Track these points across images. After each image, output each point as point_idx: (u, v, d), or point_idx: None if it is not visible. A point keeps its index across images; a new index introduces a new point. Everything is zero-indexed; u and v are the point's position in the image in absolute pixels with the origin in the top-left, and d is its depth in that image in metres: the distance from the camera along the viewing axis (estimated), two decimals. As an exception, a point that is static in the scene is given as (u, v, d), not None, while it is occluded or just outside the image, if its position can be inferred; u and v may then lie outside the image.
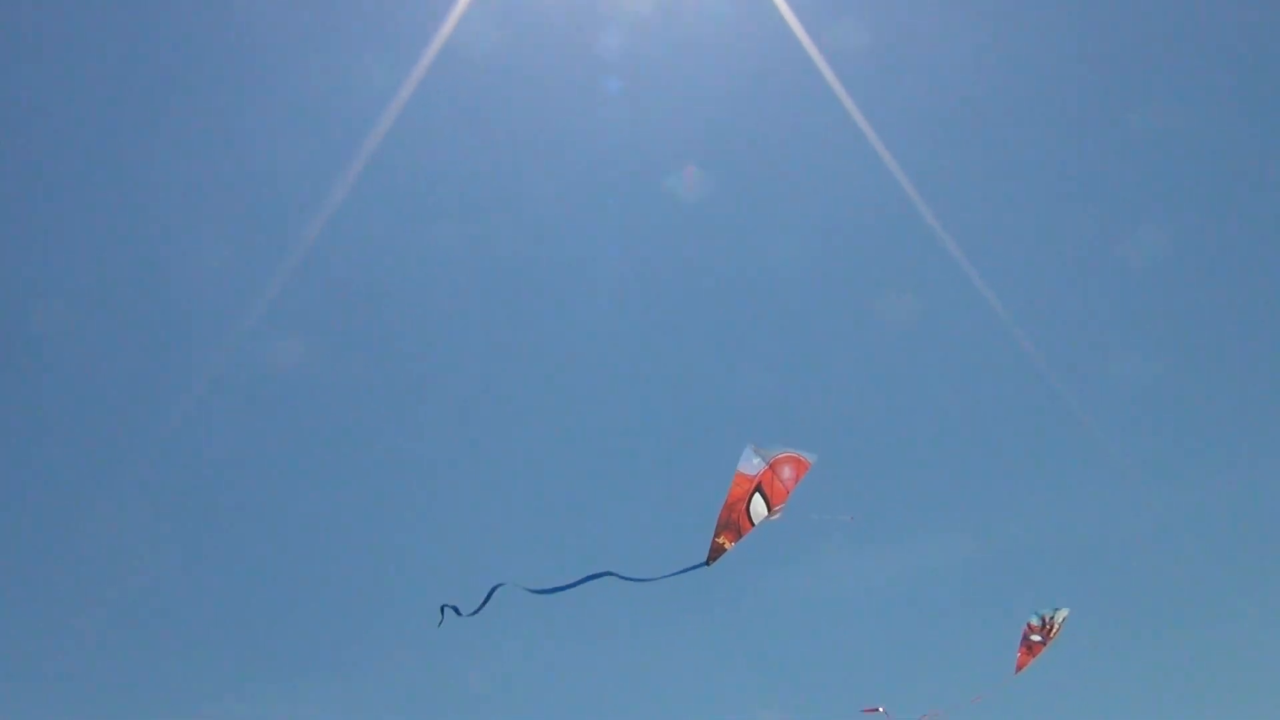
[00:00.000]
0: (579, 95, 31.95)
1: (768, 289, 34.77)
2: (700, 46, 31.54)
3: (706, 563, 12.35)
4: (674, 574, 12.41)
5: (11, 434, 29.32)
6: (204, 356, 30.33)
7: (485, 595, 12.21)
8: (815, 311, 34.96)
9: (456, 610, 12.43)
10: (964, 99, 32.85)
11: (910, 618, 28.63)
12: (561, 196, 33.30)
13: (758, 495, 12.37)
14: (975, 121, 33.61)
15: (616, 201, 33.42)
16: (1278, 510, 29.56)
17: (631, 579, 12.28)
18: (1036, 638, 16.92)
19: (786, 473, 12.48)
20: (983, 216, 32.73)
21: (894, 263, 33.62)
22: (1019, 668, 16.87)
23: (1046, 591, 17.28)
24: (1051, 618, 17.04)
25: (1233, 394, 32.59)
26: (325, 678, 27.53)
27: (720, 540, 12.32)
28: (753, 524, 12.37)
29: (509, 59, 30.74)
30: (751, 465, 12.36)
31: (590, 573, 12.07)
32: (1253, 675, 26.51)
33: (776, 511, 12.54)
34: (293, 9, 30.45)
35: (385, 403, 32.56)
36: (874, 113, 27.89)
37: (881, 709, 17.02)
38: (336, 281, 32.37)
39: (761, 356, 34.00)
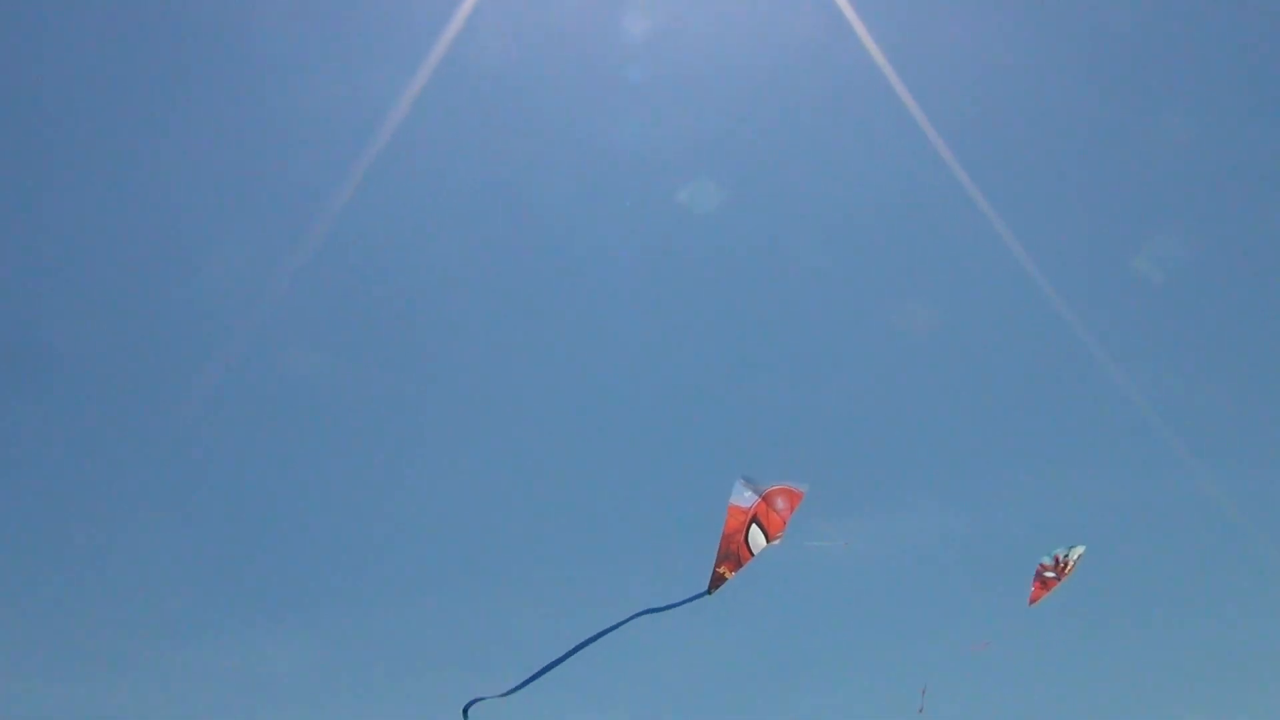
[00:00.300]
0: (598, 85, 30.18)
1: (794, 283, 33.77)
2: (729, 30, 29.55)
3: (708, 592, 12.48)
4: (677, 604, 12.56)
5: (23, 423, 29.76)
6: (213, 354, 30.26)
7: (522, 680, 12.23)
8: (845, 304, 34.16)
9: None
10: (1012, 87, 31.15)
11: (905, 590, 28.96)
12: (577, 192, 32.03)
13: (755, 527, 12.38)
14: (1021, 115, 32.33)
15: (634, 199, 32.11)
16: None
17: (638, 615, 12.39)
18: (1050, 574, 16.97)
19: (780, 504, 12.50)
20: (1030, 205, 31.39)
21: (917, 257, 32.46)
22: (1032, 600, 16.96)
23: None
24: (1066, 555, 17.04)
25: (1243, 393, 31.94)
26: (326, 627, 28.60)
27: (721, 570, 12.46)
28: (752, 554, 12.44)
29: (524, 49, 29.09)
30: (744, 498, 12.40)
31: (600, 629, 12.13)
32: (1248, 662, 27.02)
33: (778, 538, 12.60)
34: (303, 3, 28.71)
35: (393, 406, 32.67)
36: (926, 103, 26.28)
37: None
38: (346, 282, 31.97)
39: (781, 354, 33.42)
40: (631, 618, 12.46)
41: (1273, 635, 27.58)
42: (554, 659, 11.46)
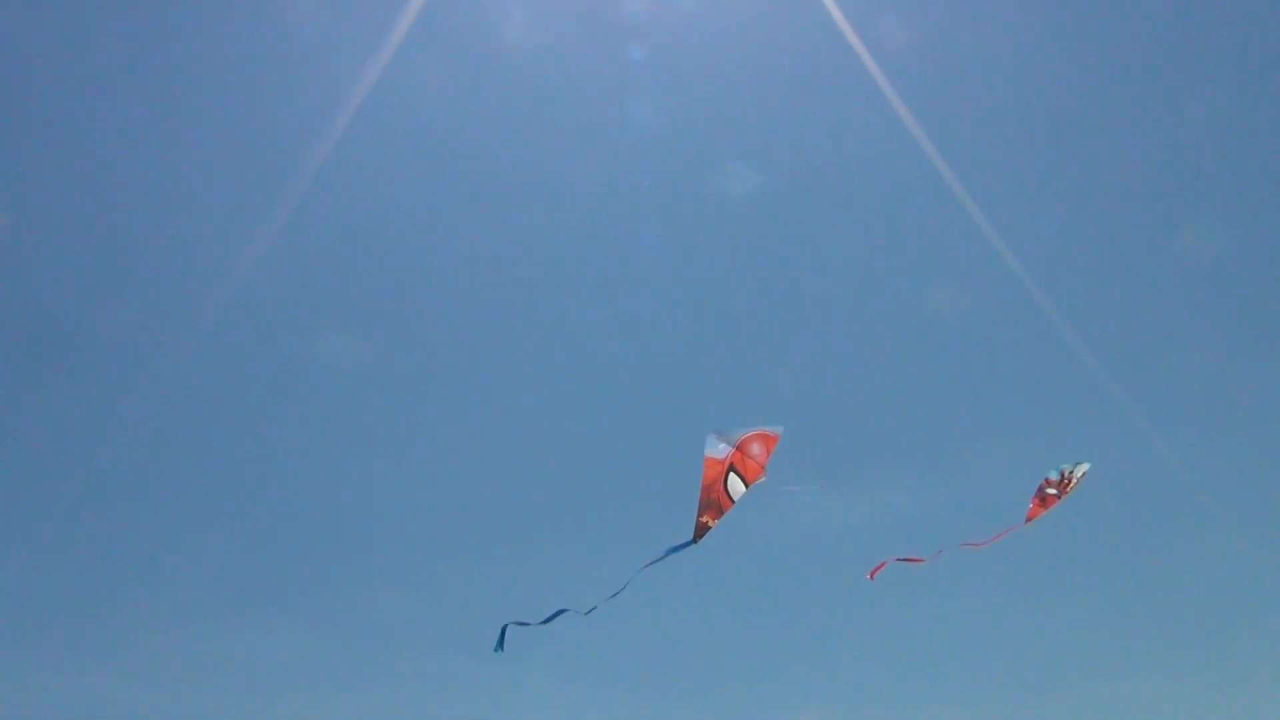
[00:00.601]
0: (600, 63, 29.74)
1: (796, 272, 33.35)
2: (730, 10, 28.85)
3: (694, 540, 12.71)
4: (666, 555, 12.80)
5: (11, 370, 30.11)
6: (198, 301, 30.45)
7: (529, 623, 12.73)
8: (840, 295, 34.27)
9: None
10: (1011, 89, 31.03)
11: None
12: (579, 172, 31.67)
13: (732, 475, 12.53)
14: (1021, 113, 31.73)
15: (643, 179, 31.80)
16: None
17: (637, 574, 12.69)
18: (1052, 491, 16.72)
19: (755, 449, 12.65)
20: (1018, 202, 31.41)
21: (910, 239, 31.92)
22: (1029, 518, 16.61)
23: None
24: (1070, 472, 16.79)
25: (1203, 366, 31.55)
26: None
27: (704, 519, 12.68)
28: (733, 501, 12.60)
29: (521, 21, 28.58)
30: (718, 450, 12.56)
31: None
32: (1205, 622, 27.22)
33: (760, 477, 12.75)
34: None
35: (384, 387, 32.77)
36: (912, 100, 26.20)
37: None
38: (334, 259, 31.80)
39: (755, 330, 33.20)
40: (633, 577, 12.79)
41: (1228, 597, 28.22)
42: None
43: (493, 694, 26.33)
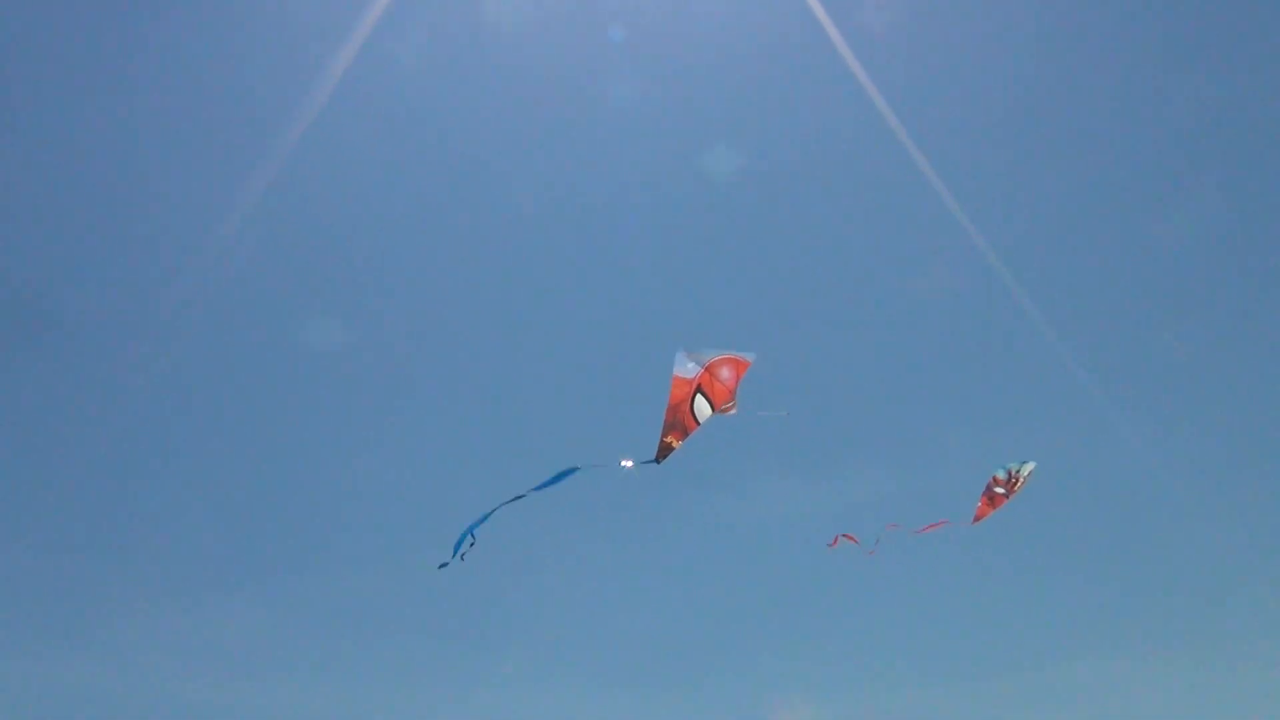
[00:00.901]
0: (579, 44, 30.80)
1: (772, 254, 34.46)
2: None
3: (656, 460, 13.04)
4: (629, 466, 13.10)
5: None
6: (171, 286, 30.53)
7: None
8: (789, 264, 34.83)
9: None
10: (985, 76, 32.68)
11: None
12: (560, 151, 32.51)
13: (699, 396, 12.91)
14: (995, 100, 33.34)
15: (624, 157, 32.69)
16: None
17: (587, 468, 12.94)
18: (1000, 490, 17.37)
19: (725, 373, 12.99)
20: (991, 186, 32.88)
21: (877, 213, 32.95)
22: (977, 518, 17.27)
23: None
24: (1017, 471, 17.46)
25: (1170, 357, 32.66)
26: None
27: (668, 440, 13.00)
28: (698, 423, 12.96)
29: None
30: (687, 369, 12.89)
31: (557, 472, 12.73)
32: (1173, 603, 28.11)
33: (730, 407, 13.13)
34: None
35: (363, 367, 32.90)
36: (886, 84, 27.64)
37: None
38: (302, 235, 31.96)
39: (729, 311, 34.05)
40: (580, 468, 13.03)
41: (1198, 579, 29.16)
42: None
43: (469, 679, 26.17)
